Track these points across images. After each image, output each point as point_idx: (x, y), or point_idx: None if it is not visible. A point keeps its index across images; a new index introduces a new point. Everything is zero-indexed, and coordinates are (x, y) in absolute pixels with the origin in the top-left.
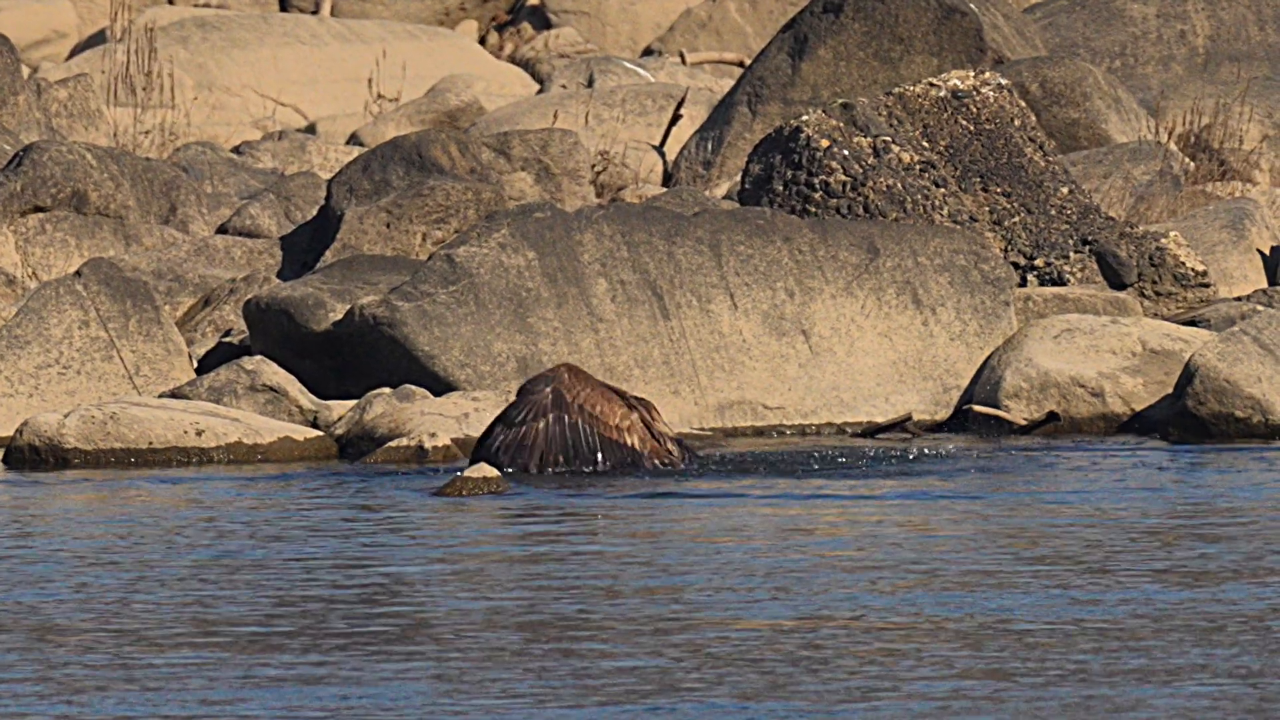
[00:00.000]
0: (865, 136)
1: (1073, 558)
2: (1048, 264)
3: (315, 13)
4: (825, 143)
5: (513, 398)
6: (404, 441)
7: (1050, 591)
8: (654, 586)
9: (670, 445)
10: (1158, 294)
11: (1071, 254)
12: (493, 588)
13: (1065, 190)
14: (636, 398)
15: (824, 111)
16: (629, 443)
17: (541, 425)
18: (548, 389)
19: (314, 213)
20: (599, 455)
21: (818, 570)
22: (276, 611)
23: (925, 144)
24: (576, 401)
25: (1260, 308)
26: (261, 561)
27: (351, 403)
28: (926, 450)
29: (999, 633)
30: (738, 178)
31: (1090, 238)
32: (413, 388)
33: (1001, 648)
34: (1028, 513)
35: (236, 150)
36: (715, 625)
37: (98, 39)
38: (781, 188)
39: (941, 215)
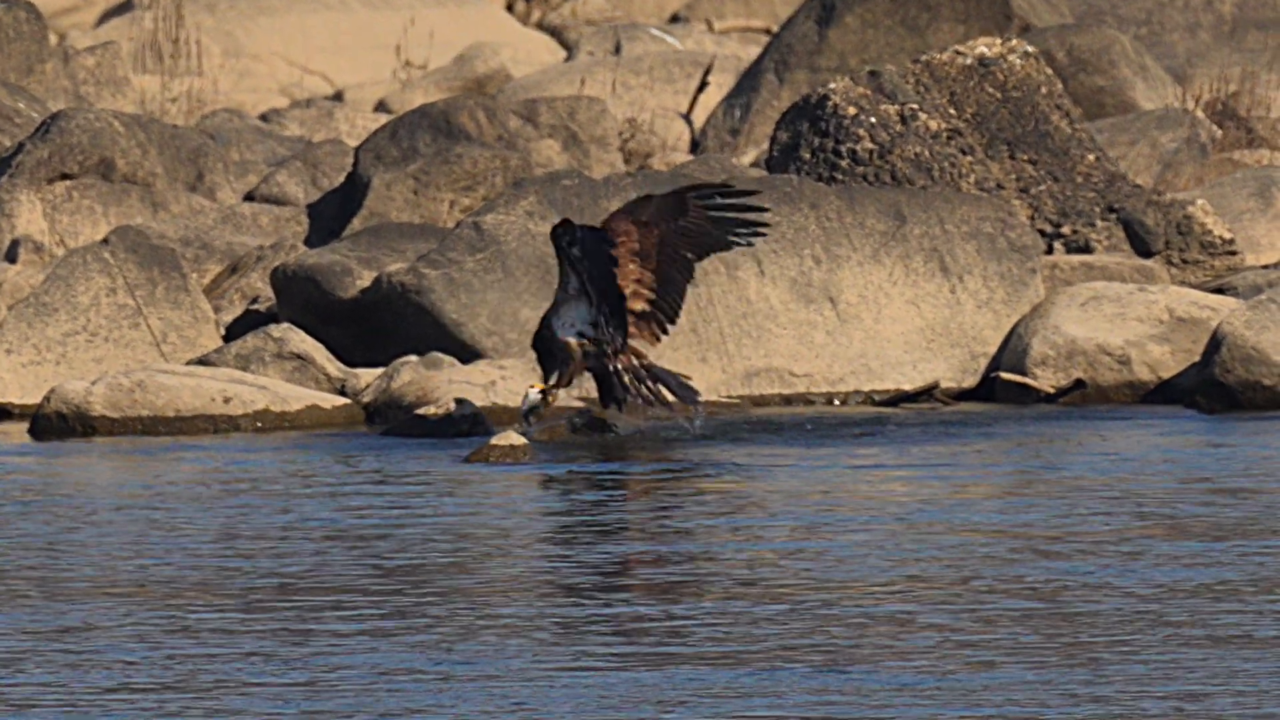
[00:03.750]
0: (892, 104)
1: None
2: (1074, 231)
3: None
4: (852, 110)
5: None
6: (431, 409)
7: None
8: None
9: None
10: (1185, 262)
11: (1098, 221)
12: (570, 551)
13: (1092, 158)
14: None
15: (851, 79)
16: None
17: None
18: None
19: (341, 180)
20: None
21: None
22: (357, 576)
23: (952, 111)
24: None
25: None
26: (319, 528)
27: (379, 370)
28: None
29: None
30: (765, 145)
31: (1117, 205)
32: (440, 355)
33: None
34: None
35: (264, 118)
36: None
37: (125, 6)
38: (809, 155)
39: (968, 183)
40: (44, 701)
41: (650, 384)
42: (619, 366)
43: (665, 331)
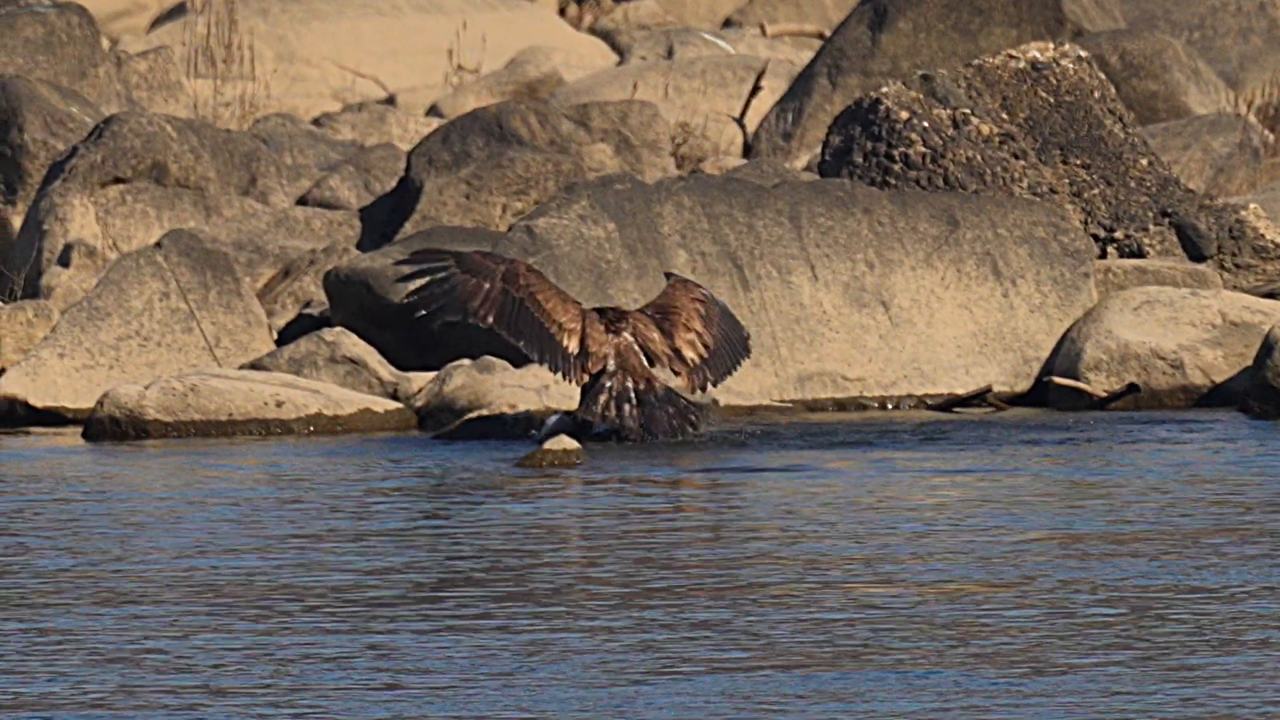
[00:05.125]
0: (945, 108)
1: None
2: (1127, 236)
3: None
4: (905, 114)
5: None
6: (484, 413)
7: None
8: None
9: (653, 383)
10: (1237, 266)
11: (1151, 226)
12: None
13: (1145, 162)
14: (634, 317)
15: (903, 83)
16: (564, 344)
17: (486, 285)
18: (501, 266)
19: (393, 184)
20: (521, 336)
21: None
22: (429, 579)
23: (1004, 116)
24: (526, 286)
25: None
26: (381, 532)
27: (431, 374)
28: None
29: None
30: (817, 149)
31: (1169, 210)
32: (492, 359)
33: None
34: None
35: (316, 122)
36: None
37: (178, 11)
38: (861, 159)
39: (1021, 187)
40: (123, 703)
41: (631, 408)
42: (609, 384)
43: (704, 389)
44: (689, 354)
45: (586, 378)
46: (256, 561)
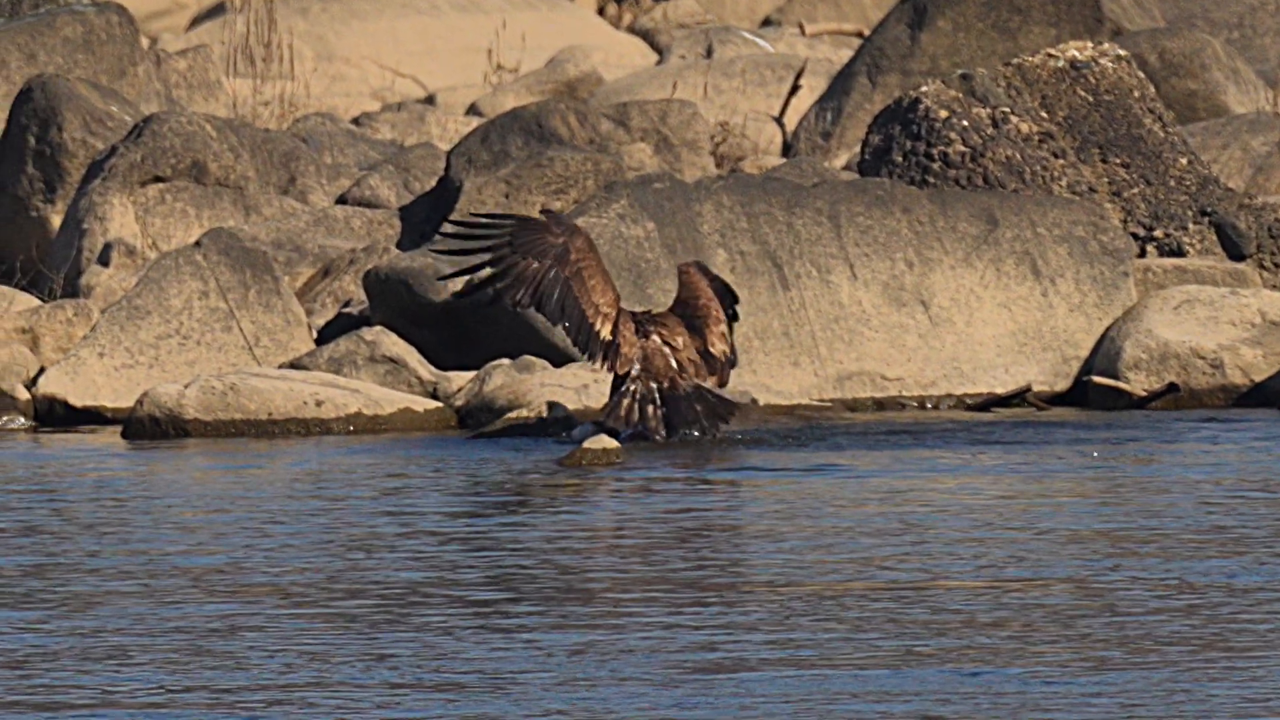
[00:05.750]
0: (984, 107)
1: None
2: (1167, 235)
3: None
4: (944, 113)
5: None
6: (524, 412)
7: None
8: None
9: (678, 381)
10: (1276, 265)
11: (1190, 225)
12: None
13: (1184, 161)
14: (661, 320)
15: (943, 82)
16: (598, 329)
17: (535, 265)
18: (559, 240)
19: (433, 184)
20: (563, 318)
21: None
22: (475, 579)
23: (1044, 115)
24: (576, 262)
25: None
26: (427, 532)
27: (471, 374)
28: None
29: None
30: (857, 148)
31: (1209, 209)
32: (532, 359)
33: None
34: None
35: (355, 121)
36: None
37: (217, 10)
38: (900, 158)
39: (1060, 186)
40: (173, 702)
41: (655, 408)
42: (633, 388)
43: (721, 385)
44: (720, 347)
45: (611, 373)
46: (300, 561)
